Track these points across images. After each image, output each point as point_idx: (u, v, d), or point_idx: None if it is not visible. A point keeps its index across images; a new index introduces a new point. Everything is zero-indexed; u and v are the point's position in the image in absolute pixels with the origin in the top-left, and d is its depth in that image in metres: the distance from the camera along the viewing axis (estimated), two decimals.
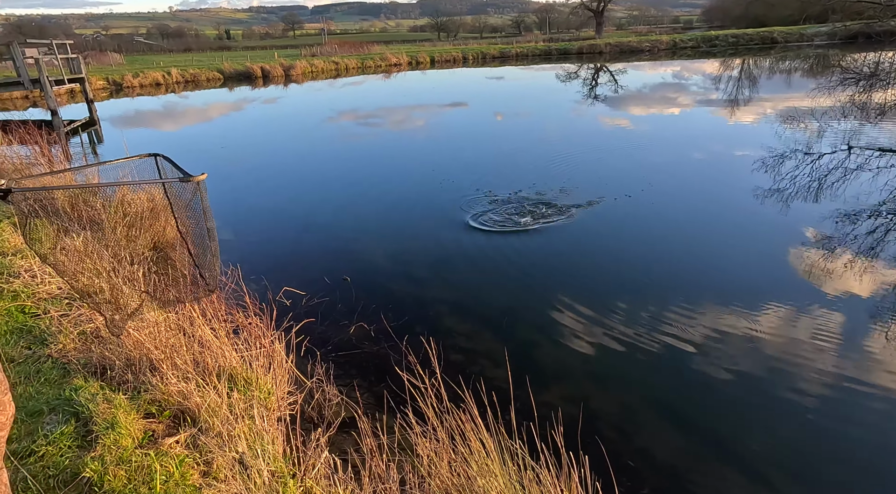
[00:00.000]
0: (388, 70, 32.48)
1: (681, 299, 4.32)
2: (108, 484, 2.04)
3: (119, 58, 40.08)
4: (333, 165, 9.68)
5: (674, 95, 16.63)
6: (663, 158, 8.98)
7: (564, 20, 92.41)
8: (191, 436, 2.45)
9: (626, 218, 6.19)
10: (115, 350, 2.90)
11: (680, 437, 2.95)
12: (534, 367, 3.53)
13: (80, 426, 2.35)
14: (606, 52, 38.59)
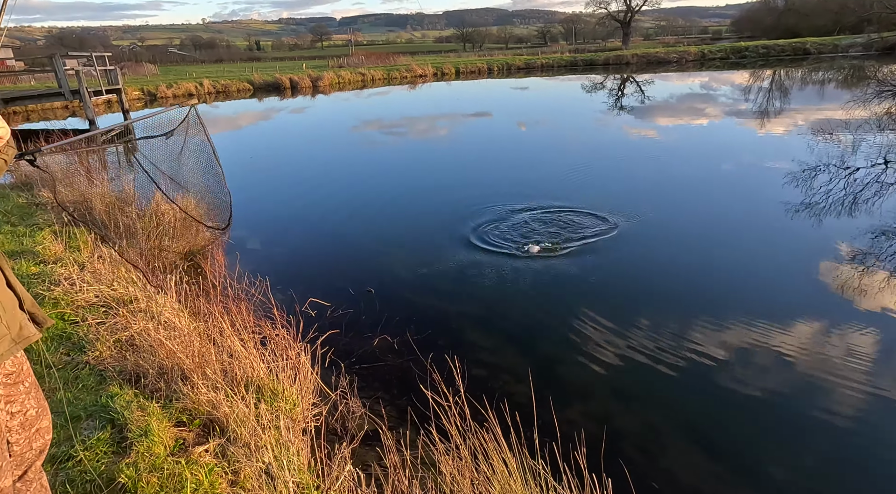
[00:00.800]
0: (413, 81, 32.84)
1: (708, 316, 4.26)
2: (141, 491, 2.11)
3: (154, 68, 41.38)
4: (359, 176, 9.81)
5: (701, 106, 16.43)
6: (692, 170, 8.91)
7: (591, 31, 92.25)
8: (219, 445, 2.51)
9: (654, 232, 6.11)
10: (148, 359, 2.99)
11: (706, 459, 2.91)
12: (557, 385, 3.52)
13: (116, 433, 2.43)
14: (633, 64, 38.38)
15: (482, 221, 6.55)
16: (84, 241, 4.94)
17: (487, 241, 5.93)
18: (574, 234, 5.99)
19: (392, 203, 7.82)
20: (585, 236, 5.93)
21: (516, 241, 5.88)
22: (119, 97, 17.93)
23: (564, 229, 6.12)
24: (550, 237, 5.90)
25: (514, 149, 11.62)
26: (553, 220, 6.42)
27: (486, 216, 6.69)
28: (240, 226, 6.76)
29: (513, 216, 6.64)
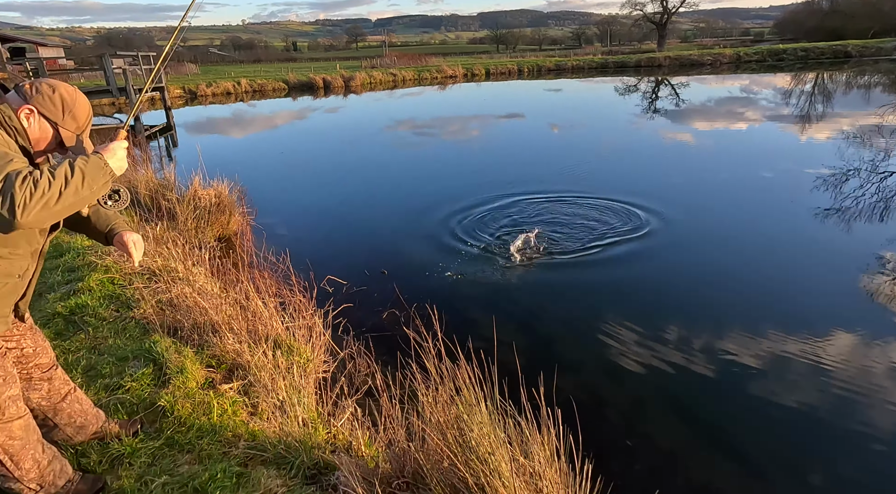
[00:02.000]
0: (443, 82, 33.33)
1: (738, 325, 4.25)
2: (177, 412, 2.57)
3: (195, 68, 42.95)
4: (380, 172, 10.27)
5: (736, 110, 16.31)
6: (724, 175, 8.77)
7: (626, 33, 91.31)
8: (242, 385, 2.97)
9: (685, 237, 6.11)
10: (184, 316, 3.48)
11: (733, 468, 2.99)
12: (550, 360, 3.87)
13: (157, 370, 2.91)
14: (665, 66, 38.03)
15: (494, 216, 6.91)
16: (131, 218, 5.50)
17: (499, 234, 6.29)
18: (598, 237, 6.05)
19: (412, 196, 8.23)
20: (610, 239, 5.98)
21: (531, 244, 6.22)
22: (162, 95, 18.89)
23: (588, 231, 6.17)
24: (565, 238, 6.00)
25: (534, 148, 11.92)
26: (574, 221, 6.53)
27: (498, 213, 7.05)
28: (269, 212, 7.30)
29: (527, 212, 6.97)
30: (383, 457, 2.51)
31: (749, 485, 2.87)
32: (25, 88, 1.67)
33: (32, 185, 1.37)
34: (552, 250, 5.76)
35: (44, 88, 1.68)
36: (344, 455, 2.43)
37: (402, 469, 2.32)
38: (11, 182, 1.36)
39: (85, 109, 1.74)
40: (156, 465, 2.29)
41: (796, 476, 2.91)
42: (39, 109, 1.67)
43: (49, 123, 1.68)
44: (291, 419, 2.76)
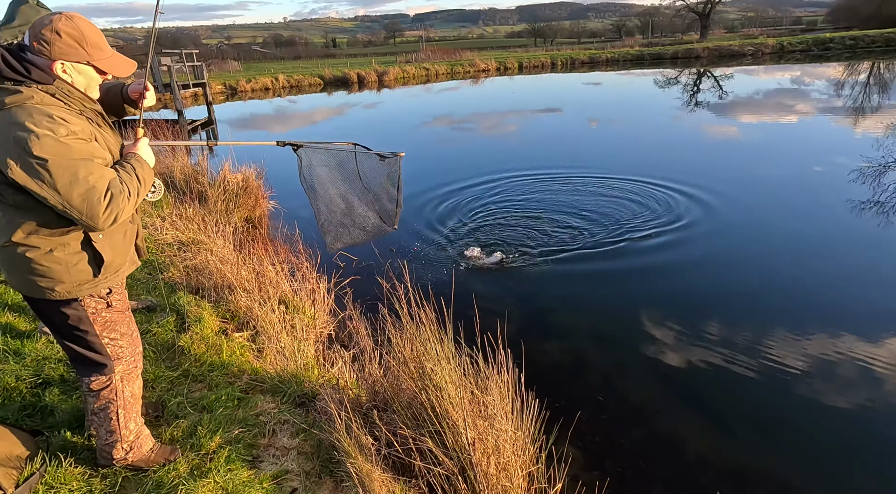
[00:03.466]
0: (476, 76, 33.54)
1: (786, 324, 4.20)
2: (193, 350, 3.04)
3: (237, 65, 44.44)
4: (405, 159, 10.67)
5: (779, 102, 15.91)
6: (771, 170, 8.47)
7: (668, 24, 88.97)
8: (251, 335, 3.43)
9: (735, 234, 6.07)
10: (205, 278, 3.97)
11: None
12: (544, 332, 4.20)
13: (179, 319, 3.39)
14: (704, 57, 37.10)
15: (498, 210, 7.23)
16: (167, 202, 6.09)
17: (513, 220, 6.62)
18: (637, 232, 6.04)
19: (423, 182, 8.62)
20: (656, 234, 6.04)
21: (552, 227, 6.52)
22: (204, 90, 19.85)
23: (628, 226, 6.17)
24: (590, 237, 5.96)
25: (567, 142, 12.11)
26: (608, 214, 6.58)
27: (503, 209, 7.36)
28: (294, 197, 7.82)
29: (550, 205, 7.26)
30: (363, 391, 2.92)
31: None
32: (33, 45, 1.60)
33: (124, 199, 1.66)
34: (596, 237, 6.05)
35: (47, 35, 1.60)
36: (329, 388, 2.85)
37: (375, 398, 2.72)
38: (116, 200, 1.64)
39: (94, 30, 1.68)
40: (173, 390, 2.76)
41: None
42: (65, 58, 1.64)
43: (81, 65, 1.68)
44: (290, 361, 3.20)
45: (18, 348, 2.96)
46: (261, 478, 2.20)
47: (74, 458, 2.19)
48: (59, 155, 1.55)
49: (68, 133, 1.58)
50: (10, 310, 3.40)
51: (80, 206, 1.60)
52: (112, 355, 1.96)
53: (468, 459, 2.23)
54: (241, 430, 2.45)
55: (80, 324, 1.88)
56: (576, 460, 2.86)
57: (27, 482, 2.01)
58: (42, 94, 1.60)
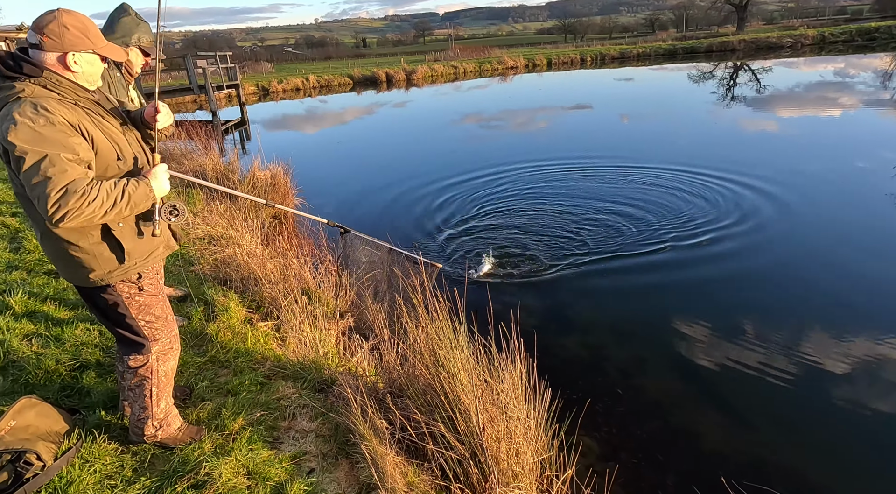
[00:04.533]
0: (504, 73, 33.39)
1: (815, 322, 4.09)
2: (220, 338, 3.18)
3: (270, 66, 45.31)
4: (428, 157, 10.77)
5: (825, 95, 15.35)
6: (814, 166, 8.04)
7: (703, 16, 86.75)
8: (275, 324, 3.55)
9: (766, 229, 5.84)
10: (233, 270, 4.12)
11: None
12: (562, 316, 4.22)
13: (207, 308, 3.54)
14: (740, 50, 36.08)
15: (514, 211, 7.23)
16: (199, 198, 6.31)
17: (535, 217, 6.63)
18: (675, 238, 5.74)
19: (445, 179, 8.67)
20: (675, 229, 5.88)
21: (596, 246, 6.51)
22: (237, 92, 20.37)
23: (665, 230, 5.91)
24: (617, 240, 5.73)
25: (597, 137, 12.01)
26: (641, 217, 6.30)
27: (524, 209, 7.36)
28: (321, 194, 7.99)
29: (578, 209, 7.24)
30: (380, 378, 3.00)
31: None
32: (43, 41, 1.70)
33: (84, 203, 1.63)
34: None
35: (56, 29, 1.71)
36: (347, 375, 2.94)
37: (392, 385, 2.79)
38: (68, 197, 1.61)
39: (91, 21, 1.79)
40: (200, 374, 2.89)
41: None
42: (75, 49, 1.74)
43: (88, 55, 1.78)
44: (311, 350, 3.31)
45: (59, 334, 3.15)
46: (280, 458, 2.30)
47: (108, 435, 2.33)
48: (28, 142, 1.61)
49: (46, 123, 1.64)
50: (51, 299, 3.60)
51: (33, 194, 1.64)
52: (149, 336, 2.09)
53: (479, 444, 2.29)
54: (263, 413, 2.55)
55: (118, 308, 2.01)
56: (590, 449, 2.88)
57: (65, 455, 2.16)
58: (33, 86, 1.70)
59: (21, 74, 1.71)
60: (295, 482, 2.16)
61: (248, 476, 2.18)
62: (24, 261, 4.27)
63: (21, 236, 4.86)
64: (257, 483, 2.15)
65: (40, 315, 3.39)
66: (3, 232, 4.94)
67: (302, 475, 2.23)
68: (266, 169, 6.80)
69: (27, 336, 3.13)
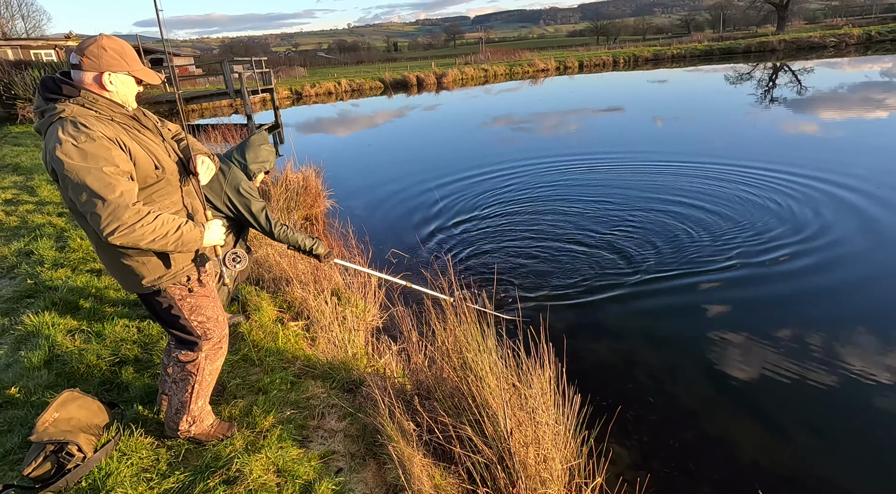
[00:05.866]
0: (535, 76, 33.21)
1: (863, 332, 3.91)
2: (252, 336, 3.24)
3: (303, 71, 46.17)
4: (459, 161, 10.76)
5: (876, 98, 14.81)
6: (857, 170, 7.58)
7: (742, 16, 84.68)
8: (305, 325, 3.60)
9: (811, 236, 5.56)
10: (266, 271, 4.20)
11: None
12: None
13: (240, 307, 3.61)
14: (780, 50, 35.02)
15: (542, 216, 7.16)
16: None
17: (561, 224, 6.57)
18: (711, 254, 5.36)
19: (481, 185, 8.66)
20: (710, 231, 5.73)
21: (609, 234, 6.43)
22: (271, 96, 20.79)
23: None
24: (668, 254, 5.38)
25: (634, 142, 11.84)
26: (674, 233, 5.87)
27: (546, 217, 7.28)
28: (352, 196, 8.08)
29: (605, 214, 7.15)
30: (407, 380, 3.01)
31: None
32: (82, 61, 1.80)
33: (138, 223, 1.74)
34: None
35: (95, 51, 1.81)
36: (375, 376, 2.96)
37: (419, 387, 2.80)
38: (119, 212, 1.71)
39: (129, 46, 1.90)
40: (232, 372, 2.95)
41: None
42: (111, 69, 1.83)
43: (123, 75, 1.87)
44: (340, 350, 3.34)
45: (100, 330, 3.26)
46: (309, 457, 2.32)
47: (144, 429, 2.39)
48: (74, 159, 1.70)
49: (87, 139, 1.73)
50: (93, 297, 3.74)
51: (84, 209, 1.74)
52: (202, 334, 2.17)
53: (507, 448, 2.26)
54: (293, 411, 2.59)
55: (171, 310, 2.10)
56: (620, 457, 2.82)
57: (104, 447, 2.23)
58: (73, 106, 1.79)
59: (61, 95, 1.81)
60: (323, 481, 2.18)
61: (277, 473, 2.22)
62: (69, 259, 4.44)
63: (66, 235, 5.06)
64: (286, 480, 2.18)
65: (83, 312, 3.52)
66: (50, 231, 5.15)
67: (330, 474, 2.25)
68: (298, 172, 6.91)
69: (70, 332, 3.25)
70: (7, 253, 4.62)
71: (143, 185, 1.90)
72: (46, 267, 4.25)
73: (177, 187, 2.02)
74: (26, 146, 10.71)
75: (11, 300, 3.73)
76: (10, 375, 2.83)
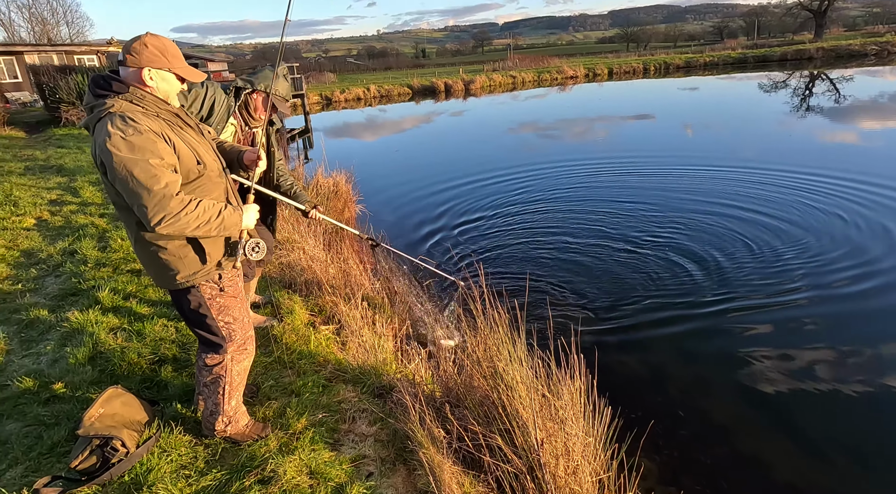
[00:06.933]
0: (563, 83, 33.08)
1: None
2: (284, 339, 3.31)
3: (333, 77, 46.87)
4: (483, 167, 10.79)
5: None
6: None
7: (777, 23, 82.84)
8: (335, 329, 3.66)
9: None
10: (297, 274, 4.28)
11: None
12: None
13: (274, 309, 3.69)
14: (817, 58, 34.22)
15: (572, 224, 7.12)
16: None
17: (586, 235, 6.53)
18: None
19: (508, 192, 8.66)
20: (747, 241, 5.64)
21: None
22: (302, 101, 21.19)
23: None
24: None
25: (663, 149, 11.71)
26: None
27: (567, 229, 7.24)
28: (380, 201, 8.17)
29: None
30: (437, 387, 3.03)
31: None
32: (127, 58, 1.88)
33: (183, 212, 1.82)
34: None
35: (137, 47, 1.88)
36: (405, 382, 2.98)
37: (448, 394, 2.82)
38: (165, 201, 1.79)
39: (173, 45, 1.97)
40: (266, 374, 3.01)
41: None
42: (151, 65, 1.90)
43: (164, 72, 1.94)
44: (370, 355, 3.38)
45: (140, 329, 3.37)
46: (341, 460, 2.36)
47: (183, 427, 2.47)
48: (122, 152, 1.78)
49: (134, 132, 1.80)
50: (134, 296, 3.87)
51: (132, 201, 1.82)
52: (226, 336, 2.22)
53: (537, 459, 2.27)
54: (325, 414, 2.64)
55: (200, 308, 2.16)
56: (650, 472, 2.79)
57: (146, 443, 2.30)
58: (121, 102, 1.87)
59: (111, 91, 1.90)
60: (354, 484, 2.21)
61: (310, 475, 2.26)
62: (111, 259, 4.60)
63: (108, 235, 5.24)
64: (319, 482, 2.22)
65: (124, 311, 3.64)
66: (92, 231, 5.34)
67: (361, 478, 2.29)
68: (329, 177, 7.03)
69: (113, 330, 3.37)
70: (53, 252, 4.81)
71: (185, 180, 1.97)
72: (89, 266, 4.42)
73: (217, 184, 2.10)
74: (69, 148, 11.12)
75: (57, 298, 3.88)
76: (56, 370, 2.95)
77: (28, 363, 3.06)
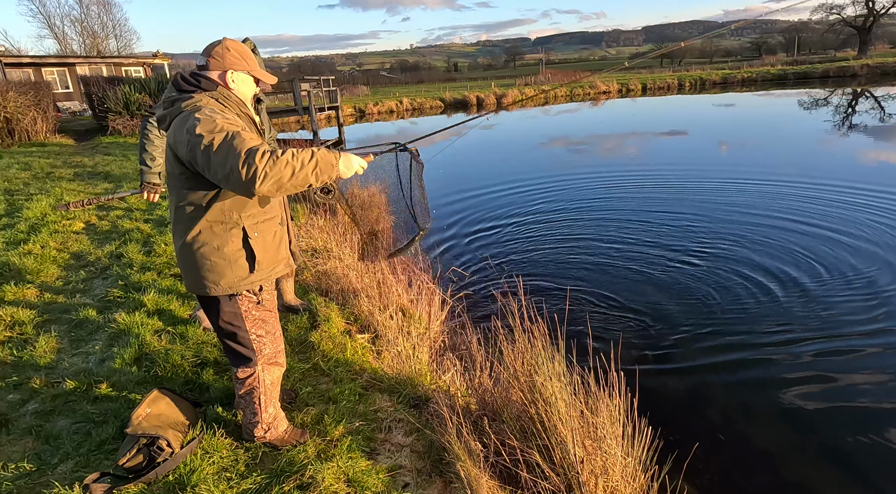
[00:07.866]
0: (596, 98, 32.91)
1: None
2: (321, 346, 3.35)
3: (366, 89, 47.67)
4: (522, 186, 10.78)
5: None
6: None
7: (818, 40, 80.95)
8: (371, 337, 3.69)
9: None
10: (333, 282, 4.34)
11: None
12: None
13: (311, 317, 3.74)
14: (861, 75, 33.23)
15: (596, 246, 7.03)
16: (303, 212, 6.73)
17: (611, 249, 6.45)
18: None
19: (536, 204, 8.63)
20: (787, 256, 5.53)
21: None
22: (336, 113, 21.58)
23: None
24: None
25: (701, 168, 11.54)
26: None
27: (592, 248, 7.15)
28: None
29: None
30: (472, 399, 3.02)
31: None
32: (209, 61, 2.00)
33: (272, 161, 1.70)
34: None
35: (220, 51, 2.01)
36: (441, 393, 2.98)
37: (485, 407, 2.80)
38: (253, 156, 1.69)
39: (245, 48, 2.09)
40: (304, 380, 3.05)
41: None
42: (233, 68, 2.02)
43: (243, 74, 2.06)
44: (406, 365, 3.40)
45: (183, 332, 3.46)
46: (377, 469, 2.37)
47: (225, 430, 2.51)
48: (210, 129, 1.78)
49: (221, 115, 1.88)
50: (177, 299, 3.97)
51: (224, 168, 1.74)
52: (256, 350, 2.26)
53: (576, 477, 2.23)
54: (361, 423, 2.65)
55: (235, 319, 2.18)
56: None
57: (189, 444, 2.36)
58: (208, 98, 1.97)
59: (199, 88, 2.00)
60: None
61: (347, 483, 2.27)
62: (155, 263, 4.75)
63: (152, 240, 5.41)
64: (356, 491, 2.23)
65: (167, 313, 3.75)
66: (137, 236, 5.53)
67: (398, 488, 2.29)
68: (364, 188, 7.11)
69: (157, 332, 3.47)
70: (101, 255, 4.99)
71: None
72: (135, 270, 4.57)
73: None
74: (115, 156, 11.56)
75: (105, 299, 4.02)
76: (104, 370, 3.05)
77: (78, 362, 3.17)
